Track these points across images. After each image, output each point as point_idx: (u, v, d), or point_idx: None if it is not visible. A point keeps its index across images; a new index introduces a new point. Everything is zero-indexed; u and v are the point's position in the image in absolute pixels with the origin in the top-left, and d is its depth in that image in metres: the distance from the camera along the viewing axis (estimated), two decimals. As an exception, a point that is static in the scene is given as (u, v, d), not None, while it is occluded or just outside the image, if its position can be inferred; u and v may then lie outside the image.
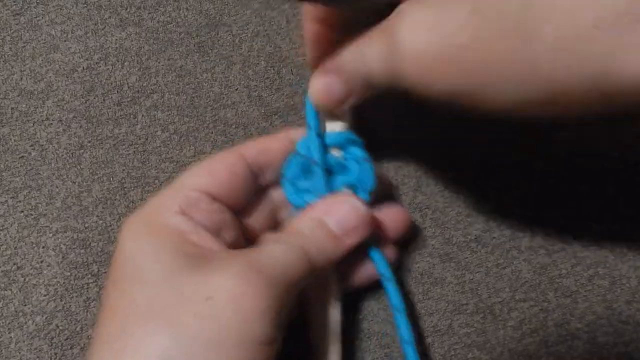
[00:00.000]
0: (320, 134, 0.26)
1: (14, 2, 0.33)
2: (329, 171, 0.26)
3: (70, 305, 0.28)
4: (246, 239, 0.26)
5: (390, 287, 0.26)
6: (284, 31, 0.32)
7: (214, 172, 0.25)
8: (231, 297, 0.20)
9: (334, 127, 0.27)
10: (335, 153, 0.27)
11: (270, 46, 0.32)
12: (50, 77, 0.32)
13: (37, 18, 0.32)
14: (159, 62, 0.32)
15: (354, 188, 0.26)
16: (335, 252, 0.24)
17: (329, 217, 0.24)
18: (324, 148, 0.26)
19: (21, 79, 0.31)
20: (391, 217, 0.28)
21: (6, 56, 0.32)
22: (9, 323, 0.28)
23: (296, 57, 0.32)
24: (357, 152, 0.27)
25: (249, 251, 0.23)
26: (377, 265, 0.26)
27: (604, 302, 0.29)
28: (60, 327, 0.28)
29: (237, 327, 0.20)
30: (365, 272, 0.27)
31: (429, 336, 0.29)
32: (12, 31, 0.32)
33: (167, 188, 0.25)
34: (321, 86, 0.25)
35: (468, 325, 0.29)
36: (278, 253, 0.22)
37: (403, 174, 0.30)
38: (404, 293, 0.29)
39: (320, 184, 0.26)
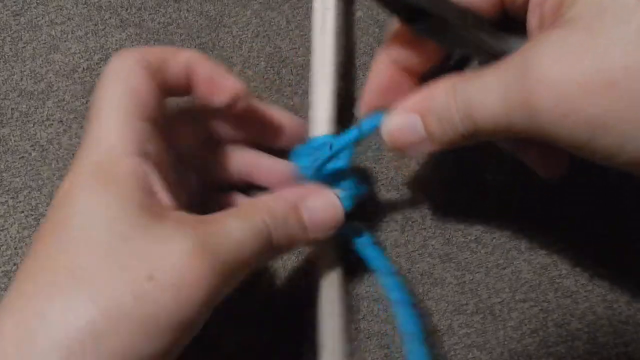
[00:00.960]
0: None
1: (14, 2, 0.33)
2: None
3: (70, 306, 0.28)
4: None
5: (388, 279, 0.25)
6: (284, 32, 0.32)
7: (136, 91, 0.22)
8: (174, 281, 0.19)
9: (322, 130, 0.27)
10: None
11: (270, 47, 0.32)
12: (50, 77, 0.32)
13: (37, 18, 0.32)
14: (159, 63, 0.32)
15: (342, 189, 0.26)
16: (299, 241, 0.23)
17: (305, 206, 0.23)
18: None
19: (21, 79, 0.32)
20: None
21: (6, 57, 0.32)
22: (8, 323, 0.28)
23: (296, 57, 0.32)
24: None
25: (204, 222, 0.21)
26: (373, 261, 0.26)
27: (604, 302, 0.29)
28: (60, 328, 0.28)
29: (174, 313, 0.19)
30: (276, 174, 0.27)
31: (429, 336, 0.28)
32: (12, 32, 0.32)
33: (103, 120, 0.22)
34: (401, 125, 0.22)
35: (468, 326, 0.29)
36: (237, 232, 0.21)
37: (403, 174, 0.30)
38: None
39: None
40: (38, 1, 0.33)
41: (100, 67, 0.32)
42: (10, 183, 0.30)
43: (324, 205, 0.24)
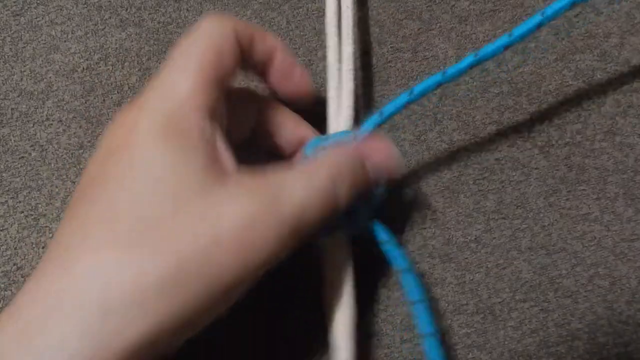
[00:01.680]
0: None
1: (14, 2, 0.33)
2: None
3: (70, 306, 0.28)
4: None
5: (409, 278, 0.25)
6: (284, 32, 0.32)
7: (222, 54, 0.22)
8: (238, 244, 0.19)
9: (339, 126, 0.27)
10: None
11: (270, 47, 0.32)
12: (50, 77, 0.32)
13: (37, 19, 0.32)
14: (160, 63, 0.32)
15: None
16: (363, 192, 0.23)
17: (370, 159, 0.23)
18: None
19: (21, 79, 0.31)
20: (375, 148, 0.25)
21: (6, 57, 0.32)
22: (8, 323, 0.28)
23: (296, 57, 0.32)
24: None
25: (267, 183, 0.20)
26: (395, 260, 0.25)
27: (605, 302, 0.29)
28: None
29: (237, 275, 0.19)
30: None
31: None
32: (12, 32, 0.32)
33: (181, 70, 0.21)
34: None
35: (468, 326, 0.29)
36: (300, 193, 0.20)
37: (403, 174, 0.30)
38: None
39: None
40: (38, 1, 0.33)
41: (100, 67, 0.32)
42: (10, 183, 0.30)
43: (388, 158, 0.24)
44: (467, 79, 0.31)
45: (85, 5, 0.33)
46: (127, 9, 0.33)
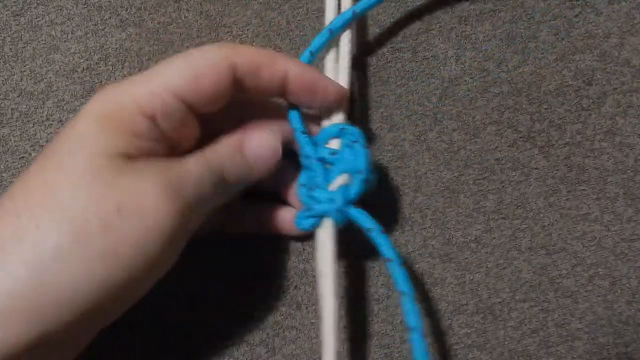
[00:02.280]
0: (305, 132, 0.26)
1: (15, 3, 0.33)
2: (325, 163, 0.26)
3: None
4: None
5: (395, 268, 0.24)
6: (284, 32, 0.32)
7: (200, 79, 0.23)
8: (140, 213, 0.21)
9: (331, 120, 0.27)
10: (334, 145, 0.26)
11: (271, 47, 0.32)
12: (50, 77, 0.32)
13: (37, 19, 0.32)
14: (159, 63, 0.32)
15: (350, 175, 0.25)
16: (247, 176, 0.25)
17: (247, 146, 0.25)
18: (312, 143, 0.26)
19: (21, 79, 0.31)
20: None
21: (6, 57, 0.32)
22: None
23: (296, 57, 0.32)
24: (348, 138, 0.26)
25: (170, 164, 0.23)
26: (383, 249, 0.25)
27: (605, 302, 0.29)
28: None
29: (138, 244, 0.21)
30: (282, 222, 0.28)
31: (429, 336, 0.28)
32: (12, 32, 0.32)
33: (147, 76, 0.23)
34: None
35: (468, 326, 0.29)
36: (195, 170, 0.23)
37: (403, 174, 0.30)
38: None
39: (320, 179, 0.26)
40: (38, 1, 0.33)
41: (100, 67, 0.32)
42: (10, 183, 0.30)
43: (262, 144, 0.26)
44: (467, 79, 0.31)
45: (85, 5, 0.33)
46: (127, 9, 0.33)
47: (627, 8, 0.32)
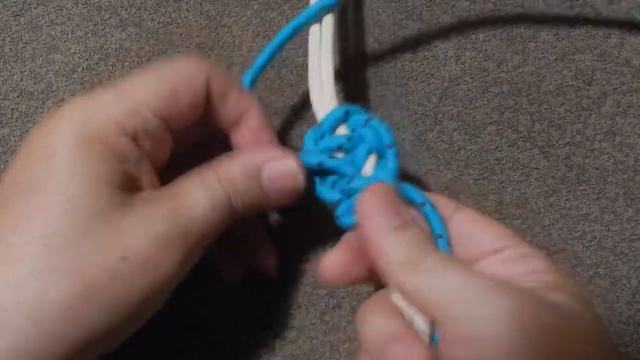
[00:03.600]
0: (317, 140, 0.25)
1: (15, 3, 0.33)
2: (346, 151, 0.24)
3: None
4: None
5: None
6: (284, 32, 0.32)
7: (178, 95, 0.22)
8: (146, 261, 0.20)
9: (326, 108, 0.25)
10: (341, 130, 0.25)
11: (270, 47, 0.32)
12: (50, 77, 0.32)
13: (37, 19, 0.32)
14: (159, 63, 0.32)
15: (378, 152, 0.24)
16: (260, 207, 0.23)
17: (265, 173, 0.23)
18: (319, 136, 0.25)
19: (21, 79, 0.31)
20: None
21: (6, 57, 0.32)
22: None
23: (296, 57, 0.32)
24: (358, 117, 0.25)
25: (172, 198, 0.21)
26: (432, 223, 0.23)
27: (605, 302, 0.29)
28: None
29: (145, 291, 0.20)
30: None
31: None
32: (12, 32, 0.32)
33: (121, 92, 0.22)
34: None
35: (468, 326, 0.29)
36: (201, 207, 0.21)
37: (403, 174, 0.30)
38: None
39: (348, 168, 0.24)
40: (38, 1, 0.33)
41: (100, 67, 0.32)
42: (10, 183, 0.30)
43: (284, 173, 0.23)
44: (467, 79, 0.31)
45: (85, 5, 0.33)
46: (127, 9, 0.33)
47: (627, 8, 0.32)
